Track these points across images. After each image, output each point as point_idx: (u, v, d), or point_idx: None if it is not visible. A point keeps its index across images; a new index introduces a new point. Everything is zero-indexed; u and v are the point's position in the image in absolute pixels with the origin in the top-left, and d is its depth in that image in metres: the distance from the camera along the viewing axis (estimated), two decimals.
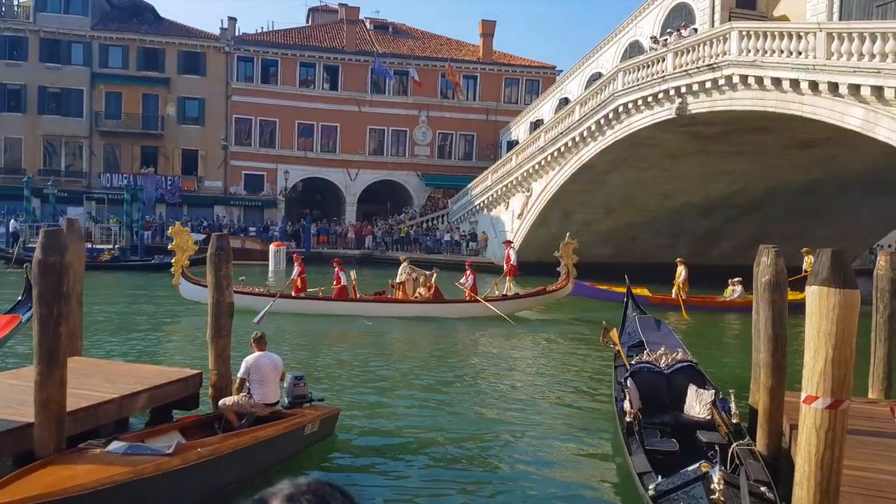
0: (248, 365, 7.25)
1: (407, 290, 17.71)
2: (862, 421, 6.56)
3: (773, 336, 6.71)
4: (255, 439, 6.51)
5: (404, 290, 17.72)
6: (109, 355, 11.13)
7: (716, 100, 19.54)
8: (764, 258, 7.01)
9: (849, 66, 15.18)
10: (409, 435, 8.07)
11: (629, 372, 7.99)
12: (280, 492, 1.13)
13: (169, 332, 14.89)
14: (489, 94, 45.06)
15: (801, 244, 23.29)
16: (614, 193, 27.68)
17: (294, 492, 1.12)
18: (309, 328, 15.73)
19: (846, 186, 26.22)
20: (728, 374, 11.26)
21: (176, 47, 40.57)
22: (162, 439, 6.43)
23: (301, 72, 42.67)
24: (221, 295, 7.96)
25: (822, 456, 4.25)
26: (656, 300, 19.81)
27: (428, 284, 17.73)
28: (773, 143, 21.92)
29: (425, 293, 17.60)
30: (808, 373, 4.34)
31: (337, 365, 11.91)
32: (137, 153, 40.45)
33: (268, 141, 42.32)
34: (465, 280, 18.07)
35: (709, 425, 7.12)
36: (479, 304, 17.06)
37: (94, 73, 39.59)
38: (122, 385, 7.32)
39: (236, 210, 41.69)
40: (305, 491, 1.13)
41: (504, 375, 11.63)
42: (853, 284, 4.37)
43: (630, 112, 23.09)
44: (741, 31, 18.52)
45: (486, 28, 45.73)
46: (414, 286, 17.84)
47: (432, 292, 17.58)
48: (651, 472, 5.72)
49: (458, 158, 44.75)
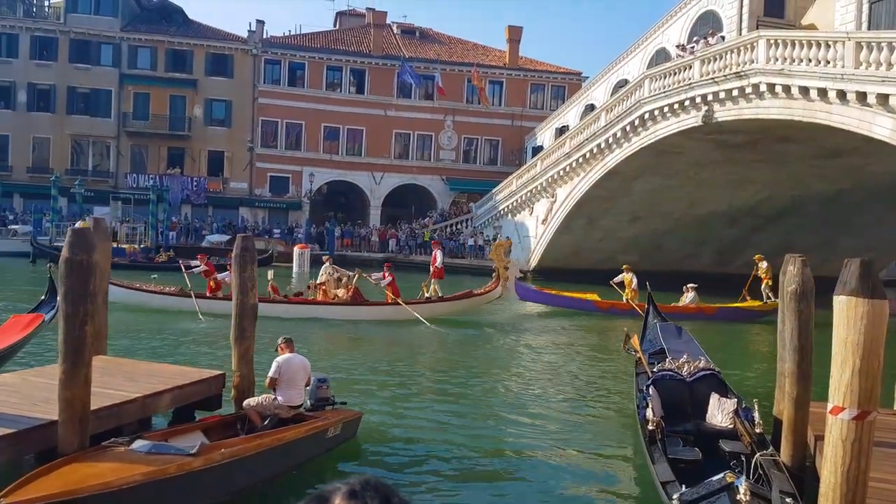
0: (279, 365, 7.30)
1: (329, 291, 17.12)
2: (888, 433, 6.44)
3: (798, 346, 6.61)
4: (278, 441, 6.53)
5: (325, 292, 17.09)
6: (133, 355, 11.28)
7: (742, 108, 19.34)
8: (791, 267, 6.91)
9: (878, 75, 14.95)
10: (430, 440, 8.07)
11: (651, 379, 7.92)
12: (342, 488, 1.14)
13: (192, 332, 15.05)
14: (515, 100, 45.04)
15: (826, 254, 22.98)
16: (639, 201, 27.48)
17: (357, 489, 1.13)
18: None
19: (873, 197, 25.75)
20: None
21: (204, 49, 41.12)
22: (185, 439, 6.48)
23: (328, 75, 43.02)
24: (246, 296, 8.02)
25: (848, 467, 4.18)
26: (604, 305, 19.71)
27: (348, 286, 17.06)
28: (799, 152, 21.63)
29: (343, 295, 16.96)
30: (835, 383, 4.28)
31: (349, 368, 11.95)
32: (164, 154, 41.03)
33: (293, 143, 42.71)
34: (383, 279, 17.36)
35: (731, 434, 7.03)
36: (400, 306, 16.44)
37: (122, 74, 40.26)
38: (145, 384, 7.40)
39: (261, 212, 42.10)
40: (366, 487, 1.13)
41: (524, 382, 11.58)
42: (882, 294, 4.30)
43: (656, 119, 22.93)
44: (769, 39, 18.32)
45: (513, 34, 45.75)
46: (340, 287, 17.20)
47: (350, 294, 16.91)
48: (675, 481, 5.65)
49: (483, 163, 44.77)
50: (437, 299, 17.94)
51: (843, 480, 4.20)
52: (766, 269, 20.65)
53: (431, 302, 17.70)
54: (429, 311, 16.99)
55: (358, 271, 17.87)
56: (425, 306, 17.23)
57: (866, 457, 4.19)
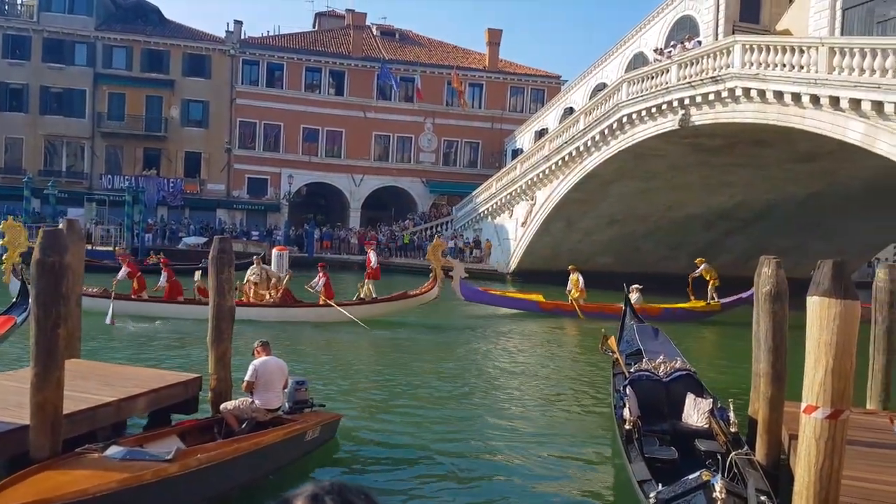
0: (255, 368, 7.22)
1: (258, 291, 16.70)
2: (861, 431, 6.55)
3: (773, 346, 6.71)
4: (256, 445, 6.47)
5: (255, 293, 16.66)
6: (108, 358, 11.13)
7: (719, 112, 19.59)
8: (765, 269, 7.01)
9: (850, 80, 15.23)
10: (409, 441, 8.05)
11: (628, 380, 7.98)
12: (304, 492, 1.14)
13: (170, 336, 14.88)
14: (494, 103, 45.19)
15: (800, 257, 23.34)
16: (617, 203, 27.71)
17: (318, 492, 1.13)
18: None
19: (846, 200, 26.24)
20: None
21: (181, 49, 40.72)
22: (161, 444, 6.39)
23: (307, 76, 42.82)
24: (223, 299, 7.96)
25: (821, 466, 4.24)
26: (548, 306, 19.76)
27: (278, 287, 16.63)
28: (774, 156, 21.97)
29: (273, 296, 16.52)
30: (809, 383, 4.34)
31: (329, 370, 11.89)
32: (140, 155, 40.53)
33: (272, 145, 42.43)
34: (317, 282, 16.82)
35: (707, 434, 7.11)
36: (333, 308, 16.02)
37: (97, 73, 39.71)
38: (120, 388, 7.29)
39: (239, 214, 41.74)
40: (329, 491, 1.14)
41: (499, 383, 11.60)
42: (854, 295, 4.37)
43: (634, 123, 23.14)
44: (744, 44, 18.58)
45: (493, 37, 45.90)
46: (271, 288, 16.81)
47: (280, 295, 16.48)
48: (651, 480, 5.70)
49: (462, 166, 44.85)
50: (370, 300, 17.53)
51: (816, 479, 4.26)
52: (708, 271, 20.86)
53: (364, 303, 17.29)
54: (361, 312, 16.57)
55: (289, 272, 17.36)
56: (358, 307, 16.85)
57: (839, 455, 4.25)
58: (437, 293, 17.35)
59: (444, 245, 18.00)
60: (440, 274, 17.14)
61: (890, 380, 8.01)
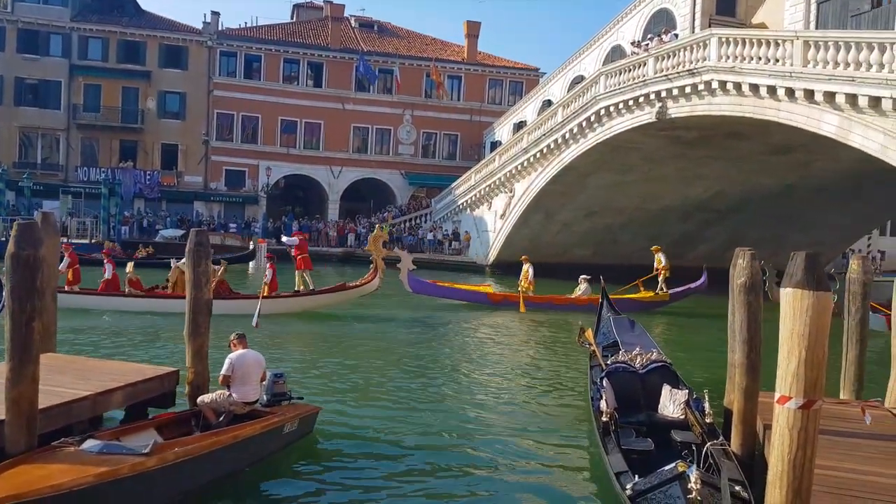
0: (231, 362, 7.17)
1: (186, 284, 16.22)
2: (834, 421, 6.68)
3: (748, 337, 6.80)
4: (233, 438, 6.44)
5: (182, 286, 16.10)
6: (85, 352, 10.99)
7: (695, 104, 19.76)
8: (740, 261, 7.10)
9: (824, 73, 15.42)
10: (386, 434, 8.07)
11: (605, 372, 8.05)
12: None
13: (146, 329, 14.72)
14: (473, 95, 45.17)
15: (775, 248, 23.63)
16: (595, 195, 27.87)
17: None
18: None
19: (820, 192, 26.64)
20: None
21: (157, 40, 40.22)
22: (138, 437, 6.35)
23: (285, 68, 42.49)
24: (200, 292, 7.90)
25: (794, 455, 4.32)
26: (497, 298, 19.65)
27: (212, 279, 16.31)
28: (750, 148, 22.21)
29: None
30: (782, 373, 4.41)
31: (308, 362, 11.86)
32: (116, 147, 40.01)
33: (250, 137, 42.08)
34: (266, 275, 16.34)
35: (683, 425, 7.20)
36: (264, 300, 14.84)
37: (72, 65, 39.10)
38: (96, 382, 7.23)
39: (216, 206, 41.39)
40: None
41: (480, 376, 11.65)
42: (826, 287, 4.45)
43: (611, 115, 23.26)
44: (721, 37, 18.73)
45: (471, 29, 45.86)
46: None
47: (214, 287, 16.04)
48: (628, 471, 5.77)
49: (442, 158, 44.81)
50: (305, 293, 16.88)
51: (790, 468, 4.33)
52: (660, 260, 20.87)
53: (300, 295, 16.74)
54: (296, 304, 16.18)
55: (224, 264, 16.68)
56: (293, 300, 16.37)
57: (812, 444, 4.33)
58: (377, 284, 16.93)
59: (385, 235, 17.60)
60: (381, 265, 16.82)
61: (863, 370, 8.17)
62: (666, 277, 20.80)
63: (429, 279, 20.91)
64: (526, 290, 19.62)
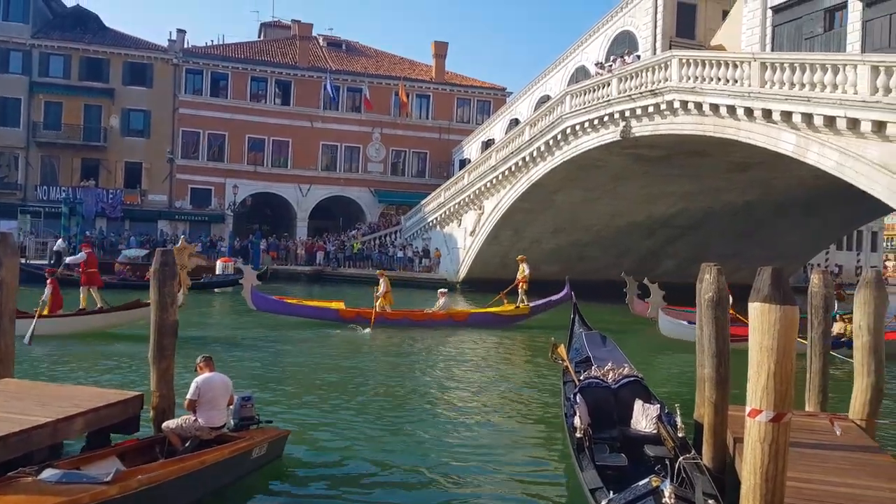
0: (198, 386, 6.99)
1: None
2: (802, 433, 6.76)
3: (716, 351, 6.87)
4: (199, 464, 6.25)
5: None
6: (45, 377, 10.65)
7: (658, 124, 20.14)
8: (707, 276, 7.19)
9: (781, 94, 15.85)
10: (357, 456, 7.94)
11: (578, 388, 8.06)
12: None
13: (110, 353, 14.35)
14: (442, 114, 45.48)
15: (737, 263, 24.12)
16: (563, 212, 28.16)
17: None
18: None
19: (780, 208, 27.33)
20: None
21: (122, 58, 39.75)
22: (99, 465, 6.13)
23: (252, 86, 42.29)
24: (165, 313, 7.71)
25: (766, 468, 4.36)
26: (349, 314, 18.22)
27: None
28: (711, 165, 22.69)
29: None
30: (752, 387, 4.46)
31: (276, 383, 11.67)
32: (77, 165, 39.26)
33: (216, 154, 41.67)
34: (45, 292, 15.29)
35: (655, 439, 7.22)
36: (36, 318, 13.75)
37: (33, 82, 38.39)
38: (56, 408, 6.97)
39: (181, 225, 40.75)
40: None
41: (452, 394, 11.57)
42: (792, 301, 4.52)
43: (577, 134, 23.58)
44: (681, 59, 19.17)
45: (439, 49, 46.31)
46: None
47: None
48: (602, 487, 5.76)
49: (411, 175, 44.92)
50: (90, 311, 15.78)
51: (762, 481, 4.37)
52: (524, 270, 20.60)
53: (84, 314, 15.58)
54: (83, 323, 15.19)
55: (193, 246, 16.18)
56: (78, 319, 15.29)
57: (783, 457, 4.38)
58: (182, 300, 15.44)
59: (192, 247, 16.30)
60: (186, 280, 15.55)
61: (827, 382, 8.31)
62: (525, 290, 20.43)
63: (275, 295, 19.56)
64: (383, 306, 18.49)
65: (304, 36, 45.16)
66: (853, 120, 14.20)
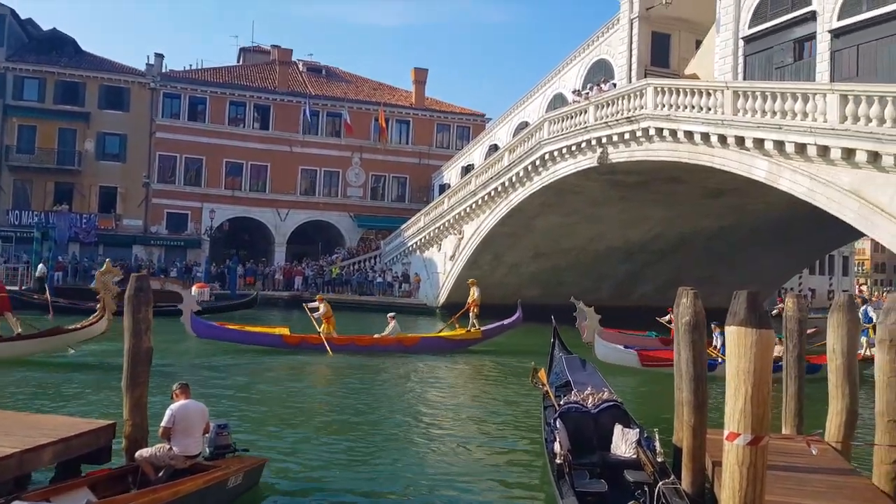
0: (173, 413, 6.84)
1: None
2: (780, 456, 6.80)
3: (694, 375, 6.91)
4: (173, 495, 6.09)
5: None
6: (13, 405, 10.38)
7: (634, 150, 20.45)
8: (684, 300, 7.25)
9: (753, 121, 16.21)
10: (333, 486, 7.82)
11: (558, 413, 8.04)
12: None
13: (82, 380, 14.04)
14: (422, 139, 45.75)
15: (712, 287, 24.30)
16: (542, 237, 28.32)
17: None
18: None
19: (754, 233, 27.77)
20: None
21: (98, 81, 39.50)
22: (69, 497, 5.96)
23: (231, 110, 42.21)
24: (139, 340, 7.59)
25: (745, 492, 4.37)
26: (294, 340, 17.89)
27: None
28: (687, 191, 23.04)
29: None
30: (730, 410, 4.48)
31: (251, 409, 11.49)
32: (51, 189, 38.74)
33: (193, 179, 41.38)
34: None
35: (635, 464, 7.21)
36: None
37: (6, 105, 37.99)
38: (23, 438, 6.77)
39: (157, 250, 40.27)
40: None
41: (431, 419, 11.48)
42: (768, 324, 4.57)
43: (555, 160, 23.85)
44: (656, 87, 19.54)
45: (419, 75, 46.78)
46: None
47: None
48: None
49: (391, 200, 44.97)
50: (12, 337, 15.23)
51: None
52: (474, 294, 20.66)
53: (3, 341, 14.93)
54: None
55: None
56: None
57: (761, 480, 4.39)
58: (104, 327, 14.91)
59: (117, 271, 15.51)
60: (110, 304, 14.71)
61: (803, 404, 8.38)
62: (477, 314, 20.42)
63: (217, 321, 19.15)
64: (329, 332, 18.03)
65: (284, 61, 45.31)
66: (823, 147, 14.54)
